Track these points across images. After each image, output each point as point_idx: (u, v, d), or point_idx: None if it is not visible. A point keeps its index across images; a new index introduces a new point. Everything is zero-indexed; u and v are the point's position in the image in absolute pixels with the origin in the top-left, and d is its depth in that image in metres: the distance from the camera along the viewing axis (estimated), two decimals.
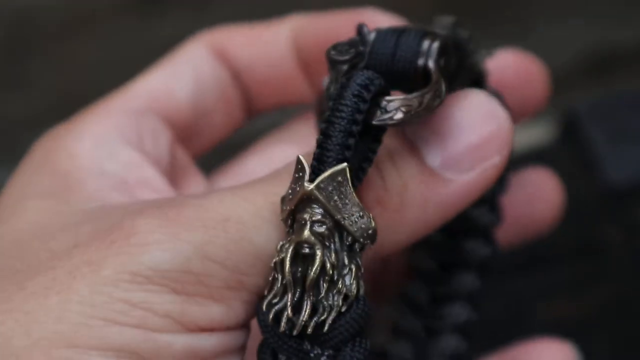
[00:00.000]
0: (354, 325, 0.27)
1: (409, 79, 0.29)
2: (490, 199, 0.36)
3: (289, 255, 0.27)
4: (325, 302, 0.27)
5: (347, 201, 0.27)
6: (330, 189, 0.27)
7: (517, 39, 0.70)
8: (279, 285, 0.27)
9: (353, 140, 0.27)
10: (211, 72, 0.37)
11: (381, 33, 0.30)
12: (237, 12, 0.60)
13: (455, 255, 0.37)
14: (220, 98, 0.38)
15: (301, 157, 0.28)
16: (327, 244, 0.27)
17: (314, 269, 0.27)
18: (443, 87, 0.28)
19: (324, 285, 0.27)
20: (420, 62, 0.29)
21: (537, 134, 0.68)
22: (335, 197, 0.27)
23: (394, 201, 0.30)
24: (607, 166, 0.59)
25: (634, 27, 0.70)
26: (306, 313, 0.27)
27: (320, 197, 0.27)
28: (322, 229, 0.27)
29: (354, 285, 0.27)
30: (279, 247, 0.28)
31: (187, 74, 0.37)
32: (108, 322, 0.29)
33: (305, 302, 0.27)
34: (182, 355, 0.29)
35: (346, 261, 0.27)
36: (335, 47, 0.30)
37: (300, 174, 0.27)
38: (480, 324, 0.42)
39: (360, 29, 0.30)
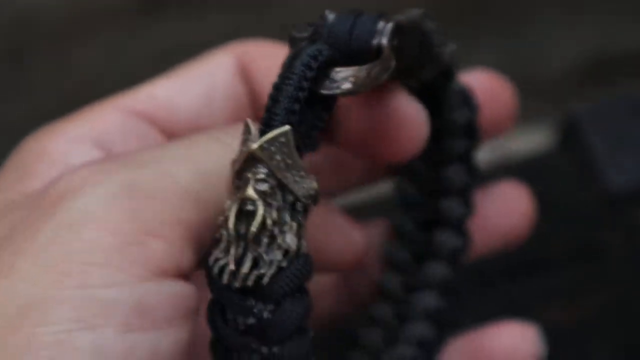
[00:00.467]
0: (294, 280, 0.28)
1: (364, 57, 0.30)
2: (463, 191, 0.38)
3: (233, 212, 0.28)
4: (265, 257, 0.28)
5: (290, 162, 0.28)
6: (273, 149, 0.28)
7: (516, 43, 0.70)
8: (224, 241, 0.28)
9: (299, 105, 0.28)
10: (228, 89, 0.36)
11: (341, 15, 0.31)
12: (239, 17, 0.60)
13: (427, 246, 0.39)
14: (230, 117, 0.36)
15: (248, 121, 0.29)
16: (269, 201, 0.28)
17: (254, 224, 0.27)
18: (392, 63, 0.29)
19: (265, 240, 0.28)
20: (375, 41, 0.30)
21: (537, 139, 0.68)
22: (278, 157, 0.28)
23: None
24: (606, 171, 0.59)
25: (635, 32, 0.70)
26: (246, 266, 0.27)
27: (263, 157, 0.28)
28: (264, 187, 0.28)
29: (294, 242, 0.28)
30: (226, 205, 0.29)
31: (199, 86, 0.36)
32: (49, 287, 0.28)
33: (247, 256, 0.28)
34: (129, 311, 0.28)
35: (288, 219, 0.28)
36: (296, 26, 0.31)
37: (248, 135, 0.28)
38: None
39: (322, 14, 0.31)
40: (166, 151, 0.31)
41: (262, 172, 0.28)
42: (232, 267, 0.28)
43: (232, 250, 0.28)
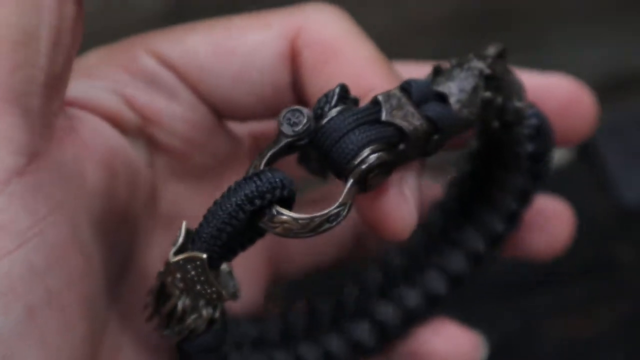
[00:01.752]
0: (201, 348, 0.32)
1: (337, 173, 0.31)
2: (512, 212, 0.38)
3: (156, 290, 0.32)
4: (176, 330, 0.32)
5: (203, 279, 0.31)
6: (189, 267, 0.31)
7: (535, 61, 0.70)
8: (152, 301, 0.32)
9: (226, 236, 0.30)
10: (270, 74, 0.35)
11: (340, 117, 0.30)
12: None
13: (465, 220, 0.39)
14: (265, 100, 0.36)
15: (183, 226, 0.31)
16: (184, 293, 0.31)
17: (166, 308, 0.32)
18: (343, 213, 0.30)
19: (176, 320, 0.32)
20: (355, 163, 0.30)
21: (555, 154, 0.69)
22: (193, 272, 0.31)
23: None
24: (621, 186, 0.59)
25: None
26: (161, 325, 0.32)
27: (177, 270, 0.31)
28: (181, 285, 0.31)
29: (203, 326, 0.32)
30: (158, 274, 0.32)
31: (241, 59, 0.35)
32: None
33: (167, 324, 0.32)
34: None
35: (202, 308, 0.32)
36: (289, 111, 0.31)
37: (177, 239, 0.31)
38: (494, 340, 0.42)
39: (330, 95, 0.31)
40: None
41: (178, 277, 0.31)
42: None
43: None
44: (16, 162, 0.29)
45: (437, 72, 0.32)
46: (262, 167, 0.30)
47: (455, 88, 0.31)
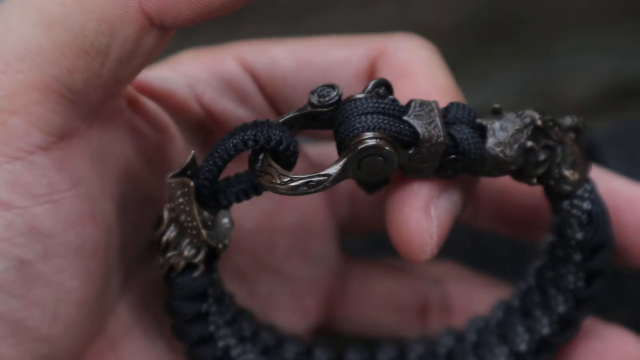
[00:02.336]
0: (179, 290, 0.34)
1: (340, 149, 0.31)
2: (562, 316, 0.37)
3: (157, 217, 0.34)
4: (161, 261, 0.34)
5: (187, 209, 0.32)
6: (178, 193, 0.32)
7: (539, 70, 0.70)
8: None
9: (216, 170, 0.32)
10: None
11: (363, 100, 0.31)
12: (272, 28, 0.62)
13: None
14: None
15: (192, 153, 0.32)
16: (174, 225, 0.33)
17: (155, 235, 0.34)
18: (325, 183, 0.31)
19: (162, 251, 0.34)
20: (353, 140, 0.31)
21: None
22: (181, 200, 0.32)
23: None
24: None
25: None
26: (155, 260, 0.34)
27: (169, 193, 0.32)
28: (171, 213, 0.33)
29: (180, 265, 0.33)
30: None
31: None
32: None
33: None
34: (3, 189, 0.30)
35: (184, 246, 0.33)
36: (324, 87, 0.32)
37: (182, 163, 0.32)
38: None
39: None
40: (3, 13, 0.31)
41: (169, 203, 0.32)
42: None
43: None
44: (43, 140, 0.31)
45: (494, 112, 0.33)
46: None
47: (498, 126, 0.32)
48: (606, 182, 0.36)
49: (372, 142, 0.30)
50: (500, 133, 0.32)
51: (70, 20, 0.30)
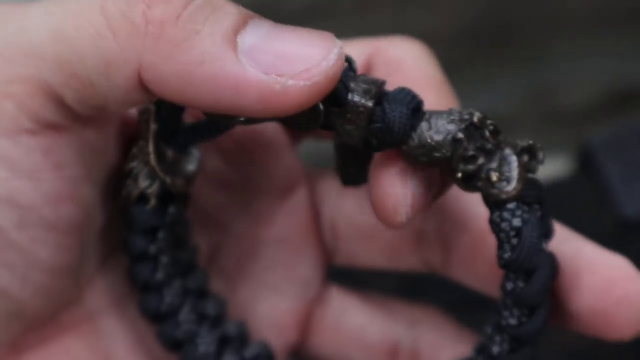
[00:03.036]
0: (131, 220, 0.36)
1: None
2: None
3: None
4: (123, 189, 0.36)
5: (146, 134, 0.34)
6: (142, 118, 0.34)
7: (539, 76, 0.71)
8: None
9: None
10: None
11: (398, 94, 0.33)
12: None
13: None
14: None
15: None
16: (136, 156, 0.35)
17: (124, 165, 0.35)
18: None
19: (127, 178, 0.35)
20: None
21: (558, 166, 0.69)
22: (143, 126, 0.34)
23: (177, 32, 0.30)
24: (621, 199, 0.59)
25: None
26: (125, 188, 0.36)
27: (138, 117, 0.34)
28: (138, 145, 0.35)
29: (135, 194, 0.35)
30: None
31: None
32: None
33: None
34: None
35: (141, 178, 0.35)
36: (362, 79, 0.33)
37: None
38: None
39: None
40: (33, 8, 0.32)
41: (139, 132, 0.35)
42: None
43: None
44: (32, 127, 0.32)
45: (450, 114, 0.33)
46: None
47: (437, 115, 0.33)
48: (572, 242, 0.35)
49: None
50: (435, 121, 0.32)
51: (78, 45, 0.31)
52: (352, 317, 0.40)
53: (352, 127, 0.32)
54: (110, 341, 0.37)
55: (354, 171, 0.37)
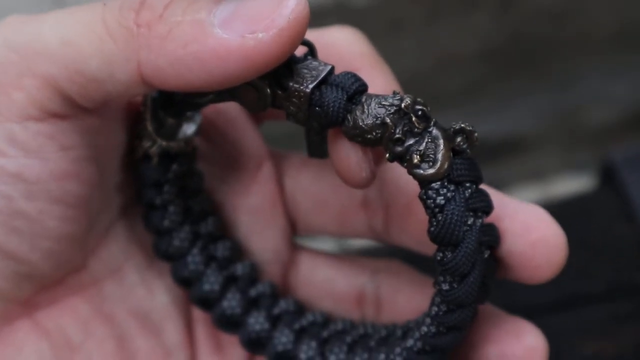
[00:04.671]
0: (140, 176, 0.40)
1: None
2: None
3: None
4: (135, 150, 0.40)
5: (146, 103, 0.38)
6: (148, 104, 0.38)
7: (562, 92, 0.71)
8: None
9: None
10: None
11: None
12: None
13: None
14: None
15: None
16: (144, 118, 0.39)
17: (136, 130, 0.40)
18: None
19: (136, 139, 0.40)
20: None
21: (581, 182, 0.69)
22: (148, 112, 0.38)
23: (161, 27, 0.35)
24: None
25: None
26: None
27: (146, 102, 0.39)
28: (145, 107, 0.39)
29: (140, 153, 0.39)
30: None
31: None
32: None
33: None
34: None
35: (145, 139, 0.39)
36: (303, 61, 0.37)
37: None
38: None
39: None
40: (47, 17, 0.36)
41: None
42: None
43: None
44: (38, 115, 0.36)
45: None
46: None
47: (371, 99, 0.35)
48: (496, 196, 0.38)
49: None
50: (368, 105, 0.35)
51: (83, 48, 0.35)
52: (321, 272, 0.44)
53: (295, 110, 0.36)
54: (113, 304, 0.41)
55: (318, 144, 0.40)
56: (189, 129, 0.40)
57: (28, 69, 0.36)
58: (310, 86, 0.35)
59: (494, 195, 0.37)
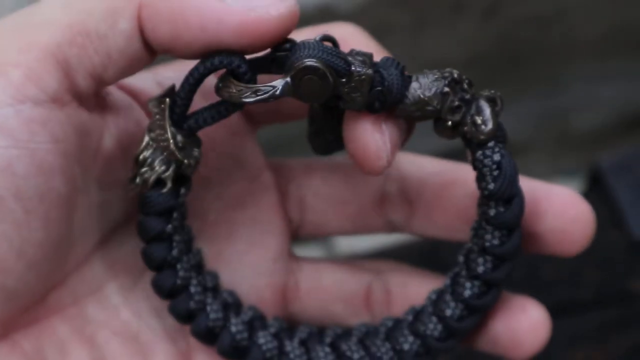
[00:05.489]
0: (148, 204, 0.39)
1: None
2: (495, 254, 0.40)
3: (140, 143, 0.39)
4: (136, 178, 0.39)
5: (161, 123, 0.38)
6: (156, 110, 0.38)
7: (550, 97, 0.71)
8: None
9: (184, 94, 0.38)
10: None
11: (314, 42, 0.37)
12: None
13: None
14: None
15: (172, 85, 0.38)
16: (151, 144, 0.38)
17: (135, 154, 0.38)
18: (270, 94, 0.37)
19: (138, 168, 0.38)
20: (295, 64, 0.37)
21: (569, 187, 0.69)
22: (158, 116, 0.38)
23: None
24: (630, 220, 0.60)
25: None
26: (130, 176, 0.39)
27: (150, 109, 0.38)
28: (151, 134, 0.38)
29: (152, 179, 0.38)
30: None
31: None
32: None
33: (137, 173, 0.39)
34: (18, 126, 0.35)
35: (156, 162, 0.38)
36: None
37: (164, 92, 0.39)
38: None
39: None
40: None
41: (150, 125, 0.38)
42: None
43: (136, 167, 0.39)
44: (36, 95, 0.35)
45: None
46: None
47: (423, 76, 0.37)
48: (526, 180, 0.41)
49: (310, 62, 0.37)
50: (423, 79, 0.37)
51: (85, 5, 0.36)
52: (328, 276, 0.44)
53: (357, 94, 0.37)
54: (96, 326, 0.40)
55: (327, 140, 0.41)
56: (195, 151, 0.39)
57: (27, 42, 0.35)
58: (371, 69, 0.37)
59: (523, 179, 0.40)
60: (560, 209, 0.40)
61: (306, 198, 0.44)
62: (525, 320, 0.42)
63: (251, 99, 0.37)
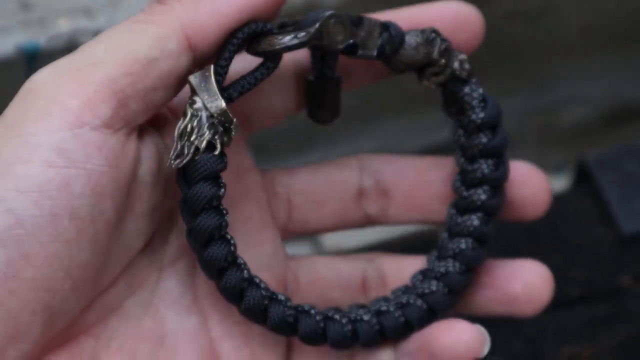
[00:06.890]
0: (201, 169, 0.39)
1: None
2: (492, 181, 0.44)
3: (181, 120, 0.40)
4: (184, 149, 0.39)
5: (206, 87, 0.40)
6: (199, 80, 0.40)
7: (536, 92, 0.71)
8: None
9: (228, 57, 0.41)
10: None
11: (328, 11, 0.41)
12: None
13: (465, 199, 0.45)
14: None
15: (211, 66, 0.40)
16: (195, 114, 0.40)
17: (178, 126, 0.40)
18: (300, 40, 0.41)
19: (184, 141, 0.40)
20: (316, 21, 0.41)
21: (557, 183, 0.69)
22: (202, 85, 0.40)
23: None
24: (618, 215, 0.60)
25: None
26: (173, 153, 0.40)
27: (192, 83, 0.40)
28: (194, 106, 0.40)
29: (203, 143, 0.39)
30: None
31: None
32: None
33: (176, 147, 0.40)
34: (49, 152, 0.37)
35: (205, 128, 0.39)
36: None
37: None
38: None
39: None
40: (104, 39, 0.40)
41: (194, 95, 0.40)
42: (171, 154, 0.40)
43: (175, 144, 0.40)
44: (92, 120, 0.38)
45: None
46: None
47: (410, 33, 0.43)
48: None
49: (331, 12, 0.41)
50: (411, 33, 0.43)
51: (134, 41, 0.39)
52: (323, 265, 0.46)
53: (370, 42, 0.42)
54: (122, 338, 0.41)
55: (329, 110, 0.45)
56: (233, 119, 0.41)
57: (85, 79, 0.38)
58: (378, 21, 0.42)
59: None
60: (522, 180, 0.45)
61: (292, 197, 0.45)
62: (535, 274, 0.45)
63: (294, 42, 0.40)
